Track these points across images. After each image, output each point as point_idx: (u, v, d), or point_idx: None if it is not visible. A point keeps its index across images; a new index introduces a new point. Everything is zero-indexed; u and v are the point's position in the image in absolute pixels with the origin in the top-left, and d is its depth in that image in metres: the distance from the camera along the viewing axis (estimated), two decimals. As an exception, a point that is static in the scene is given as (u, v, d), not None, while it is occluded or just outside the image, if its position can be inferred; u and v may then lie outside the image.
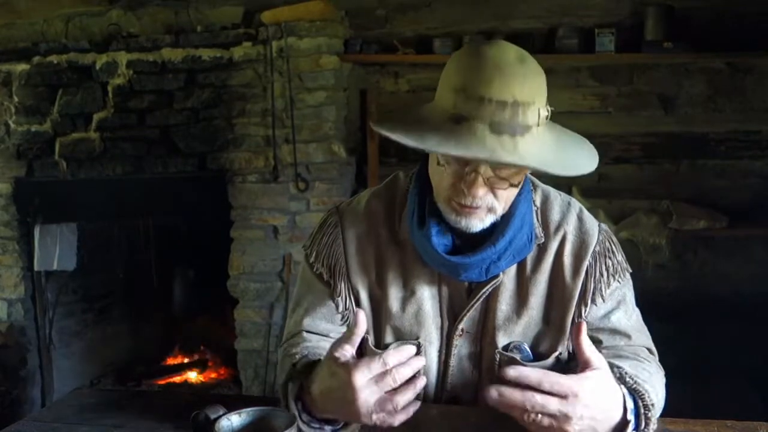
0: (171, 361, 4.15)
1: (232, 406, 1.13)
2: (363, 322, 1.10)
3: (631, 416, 1.07)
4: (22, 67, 3.47)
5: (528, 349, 1.28)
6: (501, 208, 1.20)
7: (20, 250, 3.61)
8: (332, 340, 1.34)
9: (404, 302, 1.30)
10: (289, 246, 3.31)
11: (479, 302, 1.27)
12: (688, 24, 3.09)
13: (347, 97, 3.32)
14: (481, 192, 1.15)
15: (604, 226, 1.34)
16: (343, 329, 1.34)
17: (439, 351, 1.30)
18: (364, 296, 1.32)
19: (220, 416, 1.09)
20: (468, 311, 1.27)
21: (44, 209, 3.62)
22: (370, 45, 3.30)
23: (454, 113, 1.11)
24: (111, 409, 1.38)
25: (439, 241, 1.22)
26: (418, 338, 1.29)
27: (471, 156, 1.09)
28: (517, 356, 1.27)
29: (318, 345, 1.31)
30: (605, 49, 3.07)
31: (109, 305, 4.13)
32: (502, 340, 1.28)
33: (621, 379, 1.10)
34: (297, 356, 1.25)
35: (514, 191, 1.21)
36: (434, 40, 3.26)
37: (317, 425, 1.13)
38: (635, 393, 1.09)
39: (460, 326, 1.28)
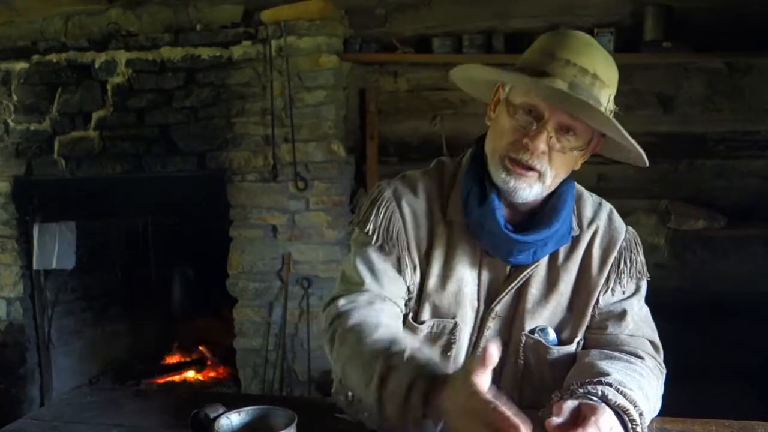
0: (170, 360, 4.16)
1: (231, 405, 1.13)
2: (494, 357, 0.96)
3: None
4: (21, 65, 3.47)
5: (554, 333, 1.33)
6: (550, 180, 1.24)
7: (19, 248, 3.61)
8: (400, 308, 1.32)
9: (445, 281, 1.32)
10: (288, 245, 3.31)
11: (516, 287, 1.32)
12: (687, 24, 3.09)
13: (346, 96, 3.32)
14: (542, 147, 1.20)
15: (631, 228, 1.40)
16: (406, 296, 1.33)
17: (471, 333, 1.34)
18: (416, 269, 1.34)
19: (220, 415, 1.09)
20: (505, 295, 1.32)
21: (43, 208, 3.62)
22: (369, 44, 3.30)
23: (539, 69, 1.20)
24: (110, 408, 1.38)
25: (500, 216, 1.26)
26: (455, 317, 1.32)
27: (552, 87, 1.15)
28: (542, 339, 1.32)
29: (395, 327, 1.24)
30: (604, 48, 3.07)
31: (108, 304, 4.12)
32: (529, 324, 1.32)
33: (604, 398, 1.10)
34: (389, 343, 1.12)
35: (566, 167, 1.26)
36: (433, 39, 3.26)
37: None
38: (620, 410, 1.10)
39: (496, 309, 1.32)
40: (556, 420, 1.04)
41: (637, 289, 1.37)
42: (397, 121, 3.46)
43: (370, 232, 1.33)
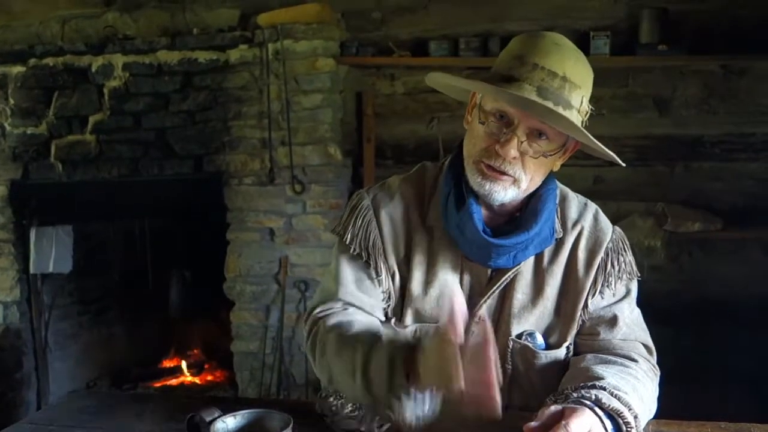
0: (167, 363, 4.14)
1: (227, 409, 1.13)
2: (461, 304, 1.02)
3: None
4: (17, 69, 3.46)
5: (541, 338, 1.32)
6: (525, 184, 1.24)
7: (16, 252, 3.60)
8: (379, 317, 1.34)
9: (427, 286, 1.33)
10: (285, 248, 3.31)
11: (498, 291, 1.31)
12: (683, 27, 3.10)
13: (343, 99, 3.32)
14: (513, 153, 1.19)
15: (618, 228, 1.39)
16: (384, 304, 1.35)
17: None
18: (396, 276, 1.35)
19: (216, 418, 1.09)
20: (487, 298, 1.31)
21: (40, 212, 3.61)
22: (366, 47, 3.31)
23: (507, 74, 1.20)
24: (107, 411, 1.38)
25: (478, 220, 1.26)
26: (438, 322, 1.30)
27: (515, 95, 1.14)
28: (530, 344, 1.31)
29: (374, 322, 1.29)
30: (600, 51, 3.08)
31: (105, 308, 4.11)
32: (516, 329, 1.32)
33: (598, 402, 1.11)
34: (372, 334, 1.19)
35: (541, 171, 1.26)
36: (430, 42, 3.26)
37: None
38: (614, 413, 1.10)
39: (479, 313, 1.31)
40: (532, 423, 1.06)
41: (628, 292, 1.36)
42: (393, 123, 3.47)
43: (348, 241, 1.35)
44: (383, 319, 1.37)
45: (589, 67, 1.25)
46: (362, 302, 1.34)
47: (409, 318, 1.34)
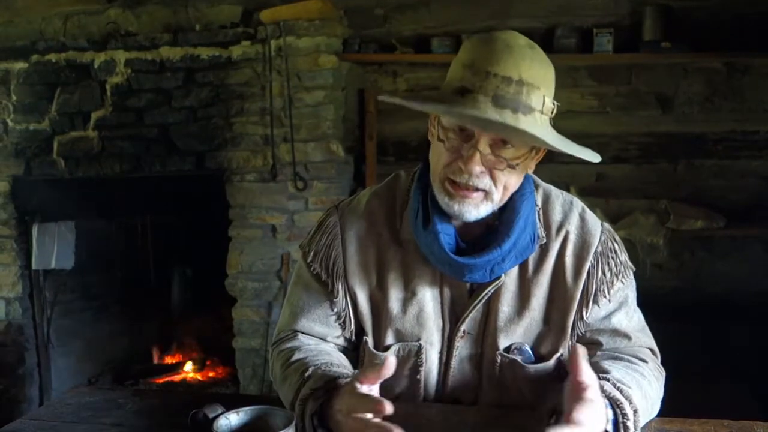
0: (169, 359, 4.16)
1: (230, 405, 1.13)
2: (392, 366, 1.02)
3: (609, 426, 1.06)
4: (20, 65, 3.47)
5: (530, 351, 1.28)
6: (498, 195, 1.19)
7: (18, 248, 3.61)
8: (328, 344, 1.34)
9: (405, 304, 1.29)
10: (287, 245, 3.31)
11: (481, 304, 1.27)
12: (686, 24, 3.10)
13: (345, 96, 3.32)
14: (478, 169, 1.15)
15: (606, 225, 1.33)
16: (338, 332, 1.34)
17: (440, 353, 1.30)
18: (363, 298, 1.31)
19: (219, 415, 1.09)
20: (470, 312, 1.27)
21: (42, 208, 3.62)
22: (368, 44, 3.30)
23: (460, 86, 1.14)
24: (109, 407, 1.38)
25: (446, 240, 1.21)
26: (419, 340, 1.28)
27: (469, 114, 1.10)
28: (518, 358, 1.27)
29: (318, 349, 1.30)
30: (603, 49, 3.07)
31: (107, 304, 4.12)
32: (503, 342, 1.27)
33: (601, 389, 1.07)
34: (304, 364, 1.21)
35: (514, 178, 1.20)
36: (432, 39, 3.26)
37: None
38: (614, 403, 1.08)
39: (462, 328, 1.27)
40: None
41: (624, 300, 1.30)
42: (396, 121, 3.46)
43: (310, 259, 1.34)
44: (339, 342, 1.36)
45: (548, 64, 1.18)
46: (312, 330, 1.34)
47: (390, 338, 1.29)
